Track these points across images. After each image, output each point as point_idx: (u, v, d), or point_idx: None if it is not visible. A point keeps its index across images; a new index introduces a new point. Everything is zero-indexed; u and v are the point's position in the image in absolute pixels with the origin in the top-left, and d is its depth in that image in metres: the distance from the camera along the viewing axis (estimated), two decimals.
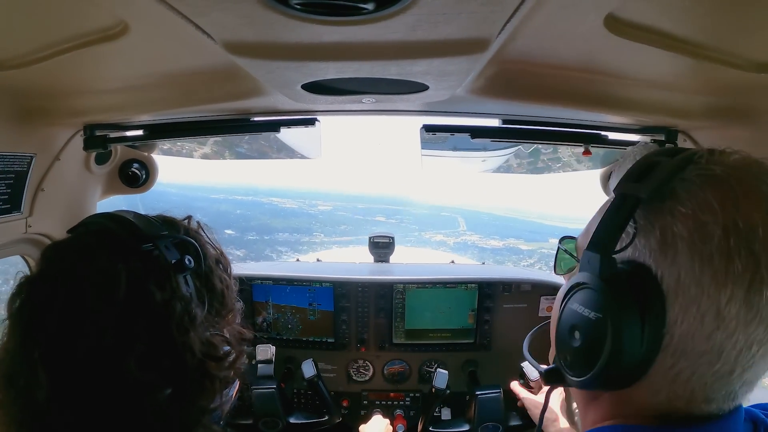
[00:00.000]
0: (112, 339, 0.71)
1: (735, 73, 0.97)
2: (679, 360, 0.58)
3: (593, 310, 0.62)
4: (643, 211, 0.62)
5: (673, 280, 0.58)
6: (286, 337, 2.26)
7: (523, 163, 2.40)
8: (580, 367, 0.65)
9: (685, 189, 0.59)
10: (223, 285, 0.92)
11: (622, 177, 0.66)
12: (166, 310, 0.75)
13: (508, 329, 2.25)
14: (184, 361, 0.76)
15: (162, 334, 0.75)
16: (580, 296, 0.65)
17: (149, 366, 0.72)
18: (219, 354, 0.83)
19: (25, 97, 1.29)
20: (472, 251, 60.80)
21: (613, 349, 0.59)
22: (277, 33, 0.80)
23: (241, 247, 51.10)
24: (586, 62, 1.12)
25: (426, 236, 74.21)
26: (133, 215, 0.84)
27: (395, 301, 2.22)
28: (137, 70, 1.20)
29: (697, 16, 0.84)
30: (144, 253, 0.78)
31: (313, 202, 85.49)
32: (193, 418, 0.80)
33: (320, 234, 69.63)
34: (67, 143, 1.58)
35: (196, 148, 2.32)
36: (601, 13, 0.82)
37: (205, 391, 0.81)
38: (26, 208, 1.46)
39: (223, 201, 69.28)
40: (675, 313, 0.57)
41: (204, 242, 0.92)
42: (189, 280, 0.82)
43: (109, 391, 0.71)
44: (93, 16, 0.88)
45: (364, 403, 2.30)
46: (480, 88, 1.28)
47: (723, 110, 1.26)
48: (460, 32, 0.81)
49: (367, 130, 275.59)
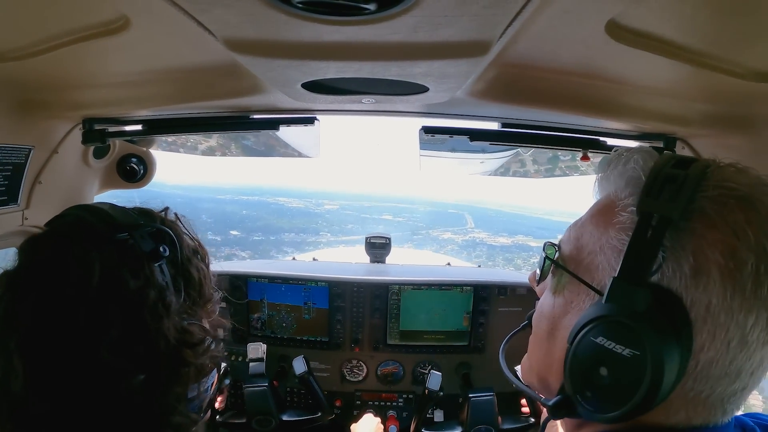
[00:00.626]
0: (86, 326, 0.71)
1: (734, 81, 0.97)
2: (700, 383, 0.58)
3: (628, 347, 0.58)
4: (672, 232, 0.58)
5: (703, 307, 0.56)
6: (281, 335, 2.26)
7: (540, 169, 2.41)
8: (607, 403, 0.60)
9: (715, 210, 0.57)
10: (200, 274, 0.92)
11: (642, 192, 0.62)
12: (139, 297, 0.76)
13: (503, 332, 2.22)
14: (158, 348, 0.77)
15: (135, 320, 0.75)
16: (605, 330, 0.60)
17: (123, 352, 0.73)
18: (194, 341, 0.84)
19: (24, 89, 1.28)
20: (480, 249, 60.35)
21: (652, 385, 0.56)
22: (279, 31, 0.80)
23: (247, 248, 50.69)
24: (587, 67, 1.12)
25: (434, 234, 73.63)
26: (109, 206, 0.85)
27: (390, 301, 2.22)
28: (138, 65, 1.19)
29: (698, 25, 0.84)
30: (118, 242, 0.78)
31: (320, 202, 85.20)
32: (169, 404, 0.80)
33: (327, 234, 69.29)
34: (65, 136, 1.57)
35: (201, 141, 2.31)
36: (602, 19, 0.82)
37: (181, 378, 0.81)
38: (23, 200, 1.45)
39: (229, 201, 69.10)
40: (702, 340, 0.56)
41: (180, 233, 0.92)
42: (165, 269, 0.82)
43: (84, 378, 0.72)
44: (95, 10, 0.88)
45: (357, 403, 2.30)
46: (480, 90, 1.28)
47: (722, 118, 1.26)
48: (462, 35, 0.81)
49: (370, 129, 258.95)
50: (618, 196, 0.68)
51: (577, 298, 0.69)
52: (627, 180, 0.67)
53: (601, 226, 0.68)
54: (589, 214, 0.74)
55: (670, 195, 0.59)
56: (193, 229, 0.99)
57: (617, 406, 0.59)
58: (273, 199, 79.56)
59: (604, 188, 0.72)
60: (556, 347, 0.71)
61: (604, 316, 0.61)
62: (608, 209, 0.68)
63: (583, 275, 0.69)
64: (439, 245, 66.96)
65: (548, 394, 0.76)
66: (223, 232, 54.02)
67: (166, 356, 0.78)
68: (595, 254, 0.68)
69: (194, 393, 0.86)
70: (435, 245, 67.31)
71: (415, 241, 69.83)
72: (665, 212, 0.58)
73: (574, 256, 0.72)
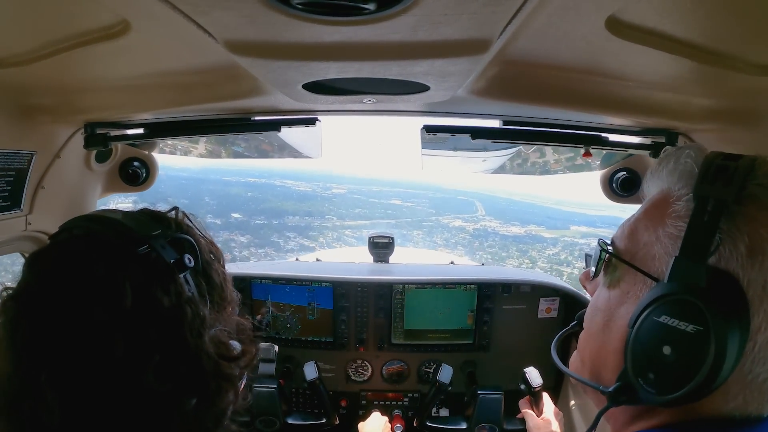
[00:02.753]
0: (125, 352, 0.66)
1: (737, 76, 0.96)
2: (758, 365, 0.59)
3: (692, 323, 0.59)
4: (728, 215, 0.60)
5: (759, 287, 0.58)
6: (285, 336, 2.27)
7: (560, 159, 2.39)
8: (670, 383, 0.61)
9: (766, 194, 0.60)
10: (221, 277, 0.87)
11: (697, 180, 0.64)
12: (176, 315, 0.71)
13: (507, 330, 2.25)
14: (203, 366, 0.73)
15: (176, 341, 0.70)
16: (668, 308, 0.61)
17: (168, 376, 0.68)
18: (231, 354, 0.80)
19: (26, 94, 1.29)
20: (493, 238, 59.04)
21: (715, 363, 0.57)
22: (279, 32, 0.80)
23: (247, 232, 49.13)
24: (588, 64, 1.12)
25: (444, 221, 71.98)
26: (121, 215, 0.79)
27: (394, 301, 2.22)
28: (138, 68, 1.20)
29: (700, 19, 0.84)
30: (141, 257, 0.72)
31: (328, 185, 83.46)
32: (215, 421, 0.78)
33: (333, 218, 67.62)
34: (67, 141, 1.58)
35: (190, 149, 2.32)
36: (602, 15, 0.82)
37: (223, 393, 0.78)
38: (26, 205, 1.45)
39: (234, 183, 67.66)
40: (759, 320, 0.57)
41: (197, 236, 0.87)
42: (190, 279, 0.77)
43: (129, 409, 0.67)
44: (95, 15, 0.88)
45: (362, 403, 2.30)
46: (481, 89, 1.28)
47: (724, 113, 1.25)
48: (462, 33, 0.81)
49: (375, 125, 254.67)
50: (672, 189, 0.69)
51: (634, 288, 0.70)
52: (680, 174, 0.68)
53: (656, 218, 0.69)
54: (642, 210, 0.75)
55: (724, 182, 0.61)
56: (205, 229, 0.93)
57: (681, 385, 0.59)
58: (280, 182, 77.83)
59: (656, 186, 0.74)
60: (611, 337, 0.72)
61: (666, 294, 0.62)
62: (662, 202, 0.69)
63: (640, 265, 0.70)
64: (450, 233, 65.65)
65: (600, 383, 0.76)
66: (224, 215, 52.63)
67: (210, 373, 0.74)
68: (652, 245, 0.69)
69: (231, 401, 0.82)
70: (446, 233, 65.98)
71: (424, 227, 68.57)
72: (721, 196, 0.60)
73: (630, 249, 0.73)
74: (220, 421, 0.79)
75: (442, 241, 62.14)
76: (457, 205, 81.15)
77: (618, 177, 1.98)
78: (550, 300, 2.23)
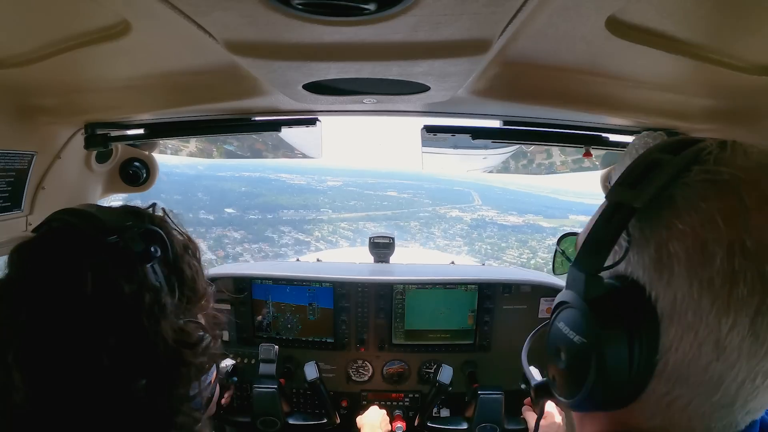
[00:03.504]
0: (84, 335, 0.71)
1: (737, 75, 0.96)
2: (674, 387, 0.54)
3: (577, 333, 0.58)
4: (639, 220, 0.56)
5: (668, 303, 0.52)
6: (286, 336, 2.27)
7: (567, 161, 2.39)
8: (567, 387, 0.62)
9: (685, 198, 0.53)
10: (193, 271, 0.92)
11: (616, 181, 0.60)
12: (135, 301, 0.75)
13: (508, 330, 2.25)
14: (157, 351, 0.77)
15: (133, 325, 0.75)
16: (565, 315, 0.61)
17: (123, 358, 0.73)
18: (193, 341, 0.84)
19: (26, 95, 1.29)
20: (491, 228, 58.42)
21: (598, 375, 0.55)
22: (279, 33, 0.80)
23: (241, 227, 48.91)
24: (588, 64, 1.12)
25: (441, 211, 71.16)
26: (96, 208, 0.84)
27: (395, 301, 2.22)
28: (139, 69, 1.20)
29: (700, 19, 0.84)
30: (109, 246, 0.77)
31: (323, 178, 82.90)
32: (173, 406, 0.80)
33: (328, 210, 67.25)
34: (68, 141, 1.58)
35: (181, 147, 2.32)
36: (602, 15, 0.82)
37: (182, 379, 0.82)
38: (27, 206, 1.46)
39: (229, 179, 67.41)
40: (670, 339, 0.52)
41: (170, 229, 0.92)
42: (157, 270, 0.82)
43: (86, 387, 0.71)
44: (95, 15, 0.88)
45: (363, 404, 2.30)
46: (481, 89, 1.28)
47: (724, 113, 1.25)
48: (462, 33, 0.81)
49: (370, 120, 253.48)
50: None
51: None
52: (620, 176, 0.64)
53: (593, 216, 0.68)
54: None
55: (644, 182, 0.55)
56: (182, 224, 0.98)
57: (574, 390, 0.59)
58: (275, 176, 77.52)
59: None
60: None
61: (563, 301, 0.62)
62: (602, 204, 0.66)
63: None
64: (448, 224, 65.14)
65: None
66: (217, 210, 52.17)
67: (166, 358, 0.78)
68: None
69: (195, 391, 0.86)
70: (443, 223, 65.40)
71: (421, 219, 68.00)
72: (629, 200, 0.55)
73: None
74: (177, 408, 0.81)
75: (440, 232, 61.65)
76: (453, 195, 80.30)
77: None
78: (551, 300, 2.23)
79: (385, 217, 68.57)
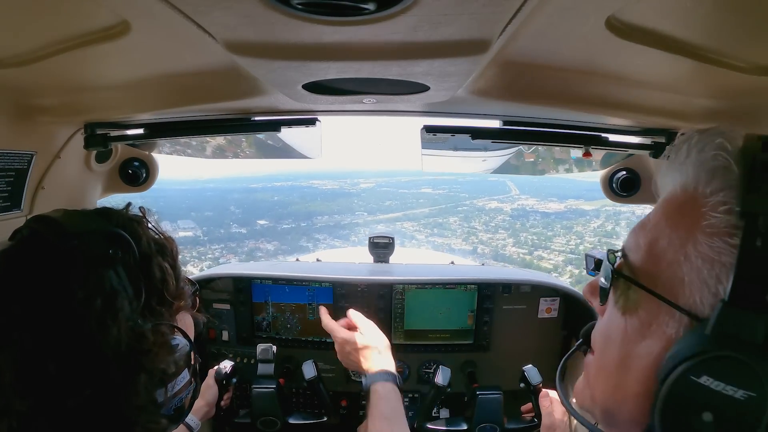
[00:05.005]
0: (33, 343, 0.70)
1: (737, 76, 0.96)
2: None
3: (742, 388, 0.47)
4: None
5: None
6: (285, 336, 2.27)
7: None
8: None
9: None
10: (164, 272, 0.89)
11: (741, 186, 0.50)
12: (84, 307, 0.74)
13: (508, 330, 2.25)
14: (106, 358, 0.74)
15: (79, 332, 0.73)
16: (714, 367, 0.49)
17: (69, 367, 0.72)
18: (148, 346, 0.80)
19: (26, 95, 1.29)
20: (534, 217, 57.37)
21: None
22: (278, 32, 0.80)
23: (274, 238, 48.09)
24: (588, 64, 1.12)
25: (479, 204, 69.62)
26: (61, 213, 0.83)
27: (394, 301, 2.22)
28: (138, 68, 1.20)
29: (700, 19, 0.84)
30: (66, 251, 0.76)
31: (355, 181, 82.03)
32: (129, 416, 0.78)
33: (363, 213, 66.42)
34: (67, 141, 1.58)
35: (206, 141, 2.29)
36: (602, 15, 0.82)
37: (138, 387, 0.78)
38: (26, 205, 1.46)
39: (260, 190, 66.91)
40: None
41: (139, 231, 0.89)
42: (120, 272, 0.79)
43: (38, 396, 0.71)
44: (95, 15, 0.88)
45: (362, 403, 2.30)
46: (481, 89, 1.28)
47: (724, 113, 1.25)
48: (461, 33, 0.80)
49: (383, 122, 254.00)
50: (701, 191, 0.56)
51: (657, 320, 0.57)
52: (710, 170, 0.55)
53: (683, 229, 0.56)
54: (661, 213, 0.61)
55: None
56: (159, 224, 0.96)
57: None
58: (306, 183, 76.82)
59: (675, 180, 0.60)
60: (630, 379, 0.60)
61: (708, 350, 0.49)
62: (690, 208, 0.56)
63: (664, 292, 0.57)
64: (488, 216, 63.79)
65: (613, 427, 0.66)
66: (249, 223, 51.61)
67: (118, 366, 0.75)
68: (679, 265, 0.55)
69: (162, 398, 0.83)
70: (483, 216, 64.00)
71: (460, 213, 66.71)
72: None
73: (649, 267, 0.59)
74: (133, 419, 0.79)
75: (482, 225, 60.48)
76: (489, 186, 78.50)
77: (618, 177, 1.99)
78: (551, 300, 2.23)
79: (423, 215, 67.63)
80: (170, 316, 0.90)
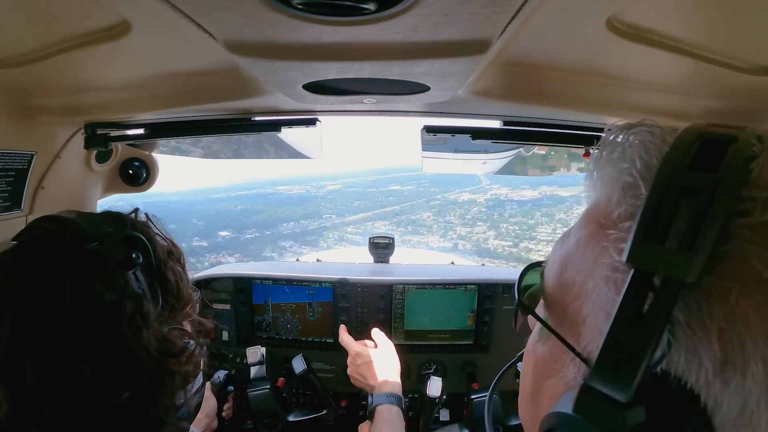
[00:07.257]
0: (64, 347, 0.69)
1: (739, 76, 0.96)
2: None
3: None
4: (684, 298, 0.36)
5: (734, 412, 0.36)
6: (285, 337, 2.26)
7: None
8: None
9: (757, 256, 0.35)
10: (177, 277, 0.90)
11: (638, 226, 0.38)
12: (116, 310, 0.73)
13: (508, 331, 2.24)
14: (140, 361, 0.74)
15: (114, 335, 0.72)
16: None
17: (104, 370, 0.71)
18: (176, 349, 0.82)
19: (26, 95, 1.29)
20: (510, 206, 56.30)
21: None
22: (279, 33, 0.80)
23: (236, 250, 47.58)
24: (588, 64, 1.12)
25: (451, 197, 68.84)
26: (76, 215, 0.82)
27: (395, 301, 2.22)
28: (139, 68, 1.20)
29: (701, 19, 0.84)
30: (89, 254, 0.75)
31: (322, 184, 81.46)
32: (159, 417, 0.79)
33: (332, 216, 65.93)
34: (68, 141, 1.58)
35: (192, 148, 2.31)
36: (603, 15, 0.82)
37: (167, 389, 0.80)
38: (26, 205, 1.46)
39: (224, 200, 66.44)
40: None
41: (152, 235, 0.90)
42: (140, 277, 0.80)
43: (68, 402, 0.69)
44: (95, 15, 0.88)
45: (362, 404, 2.30)
46: (481, 89, 1.28)
47: (726, 114, 1.25)
48: (462, 33, 0.80)
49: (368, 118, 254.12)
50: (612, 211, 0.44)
51: (561, 361, 0.48)
52: (623, 185, 0.44)
53: (590, 257, 0.46)
54: (578, 227, 0.52)
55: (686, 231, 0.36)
56: (166, 229, 0.96)
57: None
58: (272, 189, 76.10)
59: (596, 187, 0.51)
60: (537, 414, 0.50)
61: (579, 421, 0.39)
62: (597, 231, 0.46)
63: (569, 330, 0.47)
64: (463, 208, 63.19)
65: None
66: (211, 235, 50.90)
67: (149, 369, 0.75)
68: (582, 302, 0.46)
69: (182, 400, 0.84)
70: (458, 209, 63.52)
71: (433, 207, 66.02)
72: (673, 272, 0.35)
73: (558, 297, 0.50)
74: (163, 419, 0.79)
75: (458, 218, 59.85)
76: (458, 179, 76.88)
77: None
78: None
79: (394, 213, 67.13)
80: (181, 320, 0.91)
